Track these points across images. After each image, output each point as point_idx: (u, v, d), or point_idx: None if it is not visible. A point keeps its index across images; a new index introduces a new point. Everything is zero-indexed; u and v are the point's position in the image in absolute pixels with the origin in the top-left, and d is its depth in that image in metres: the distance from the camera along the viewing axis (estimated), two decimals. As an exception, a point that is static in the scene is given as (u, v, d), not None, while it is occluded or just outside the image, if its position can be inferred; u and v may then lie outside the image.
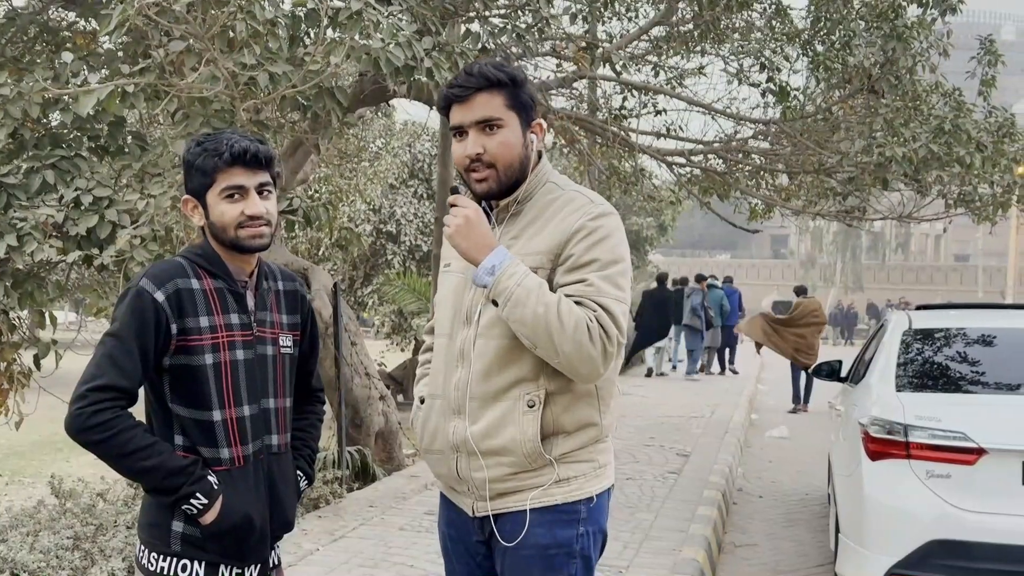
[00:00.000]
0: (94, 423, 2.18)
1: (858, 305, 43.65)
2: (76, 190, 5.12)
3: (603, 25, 9.27)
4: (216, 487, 2.29)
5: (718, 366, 18.21)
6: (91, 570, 4.43)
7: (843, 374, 6.57)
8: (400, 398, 15.48)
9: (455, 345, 2.39)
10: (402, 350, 17.21)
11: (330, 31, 5.05)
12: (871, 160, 7.65)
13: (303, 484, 2.58)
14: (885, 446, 4.57)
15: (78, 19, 6.38)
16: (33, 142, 5.48)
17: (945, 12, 7.89)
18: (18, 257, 4.98)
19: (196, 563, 2.32)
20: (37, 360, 5.72)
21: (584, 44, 7.87)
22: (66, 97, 5.08)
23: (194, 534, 2.30)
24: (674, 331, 17.44)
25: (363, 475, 7.34)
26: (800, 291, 14.67)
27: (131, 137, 5.85)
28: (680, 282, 18.35)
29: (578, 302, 2.22)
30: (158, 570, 2.32)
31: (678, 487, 7.38)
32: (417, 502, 6.58)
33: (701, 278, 17.72)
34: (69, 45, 6.34)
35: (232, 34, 4.70)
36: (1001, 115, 8.36)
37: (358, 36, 4.82)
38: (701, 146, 9.92)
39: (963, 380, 5.10)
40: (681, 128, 9.89)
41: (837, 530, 5.19)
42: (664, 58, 9.48)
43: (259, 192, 2.34)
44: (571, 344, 2.17)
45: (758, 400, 15.01)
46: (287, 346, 2.47)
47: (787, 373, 14.49)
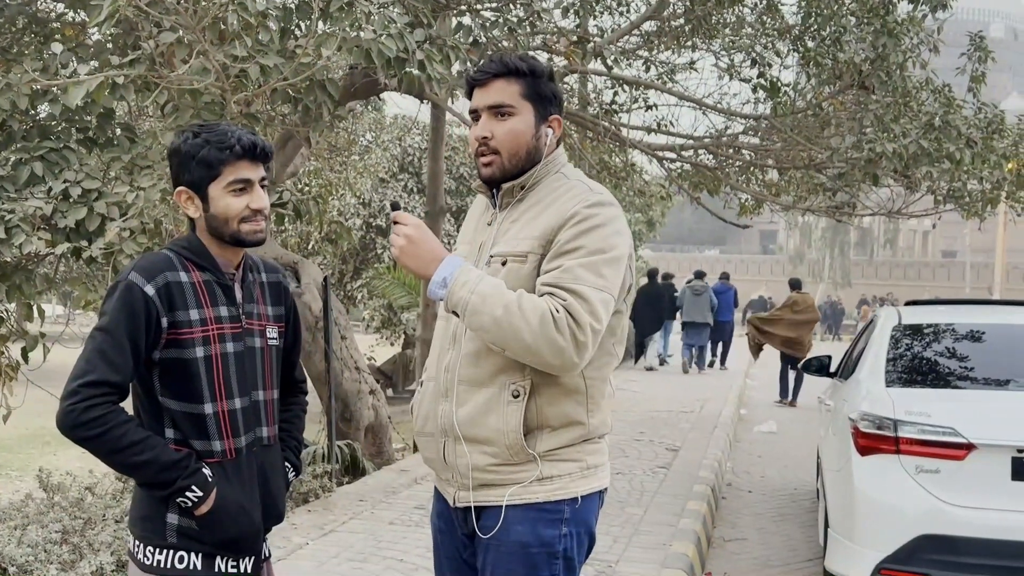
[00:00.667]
0: (86, 419, 2.16)
1: (846, 301, 43.81)
2: (65, 182, 5.09)
3: (594, 19, 9.26)
4: (211, 479, 2.28)
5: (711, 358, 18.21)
6: (79, 564, 4.40)
7: (832, 369, 6.60)
8: (390, 392, 15.48)
9: (449, 328, 2.40)
10: (392, 344, 17.19)
11: (321, 23, 5.03)
12: (861, 156, 7.66)
13: (291, 476, 2.58)
14: (875, 441, 4.59)
15: (67, 10, 6.32)
16: (21, 134, 5.45)
17: (936, 8, 7.89)
18: (6, 249, 4.95)
19: (193, 555, 2.30)
20: (25, 353, 5.69)
21: (575, 38, 7.86)
22: (55, 88, 5.05)
23: (190, 526, 2.29)
24: (664, 325, 17.47)
25: (353, 469, 7.33)
26: (795, 284, 14.64)
27: (120, 129, 5.82)
28: (667, 277, 18.35)
29: (550, 291, 2.19)
30: (155, 564, 2.30)
31: (668, 482, 7.40)
32: (407, 496, 6.58)
33: (701, 274, 17.65)
34: (58, 36, 6.29)
35: (223, 26, 4.67)
36: (990, 111, 8.38)
37: (349, 28, 4.80)
38: (692, 141, 9.93)
39: (952, 375, 5.12)
40: (672, 123, 9.91)
41: (826, 525, 5.21)
42: (655, 53, 9.49)
43: (260, 186, 2.34)
44: (538, 338, 2.14)
45: (747, 395, 15.05)
46: (273, 338, 2.47)
47: (775, 369, 14.53)
